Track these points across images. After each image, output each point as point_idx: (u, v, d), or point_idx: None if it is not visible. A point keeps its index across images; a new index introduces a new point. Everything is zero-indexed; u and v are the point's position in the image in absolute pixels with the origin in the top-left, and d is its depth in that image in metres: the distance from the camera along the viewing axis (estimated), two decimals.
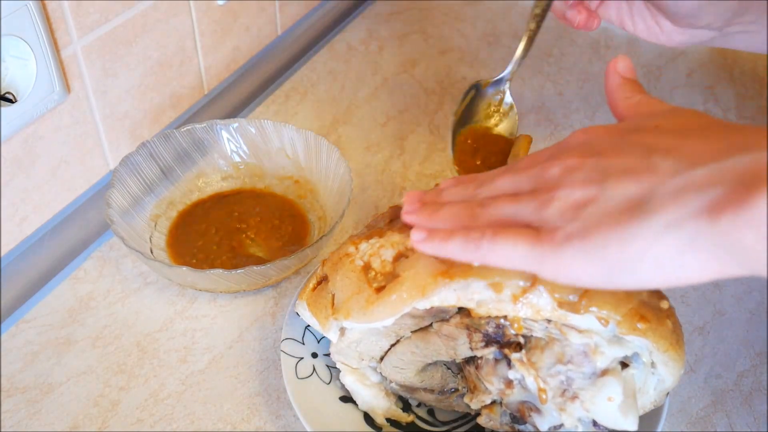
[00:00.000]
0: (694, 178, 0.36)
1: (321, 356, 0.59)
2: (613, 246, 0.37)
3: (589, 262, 0.38)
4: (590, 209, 0.39)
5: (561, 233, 0.39)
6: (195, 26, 0.82)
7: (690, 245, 0.35)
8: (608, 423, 0.47)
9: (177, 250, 0.69)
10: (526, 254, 0.40)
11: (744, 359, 0.63)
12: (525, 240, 0.40)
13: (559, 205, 0.40)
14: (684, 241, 0.35)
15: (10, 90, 0.63)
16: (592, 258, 0.38)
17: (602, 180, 0.39)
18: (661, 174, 0.38)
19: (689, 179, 0.36)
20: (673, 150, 0.39)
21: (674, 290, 0.68)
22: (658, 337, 0.45)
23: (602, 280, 0.38)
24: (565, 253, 0.39)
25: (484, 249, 0.41)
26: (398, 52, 0.99)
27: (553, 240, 0.39)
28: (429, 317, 0.51)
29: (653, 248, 0.36)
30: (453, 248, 0.43)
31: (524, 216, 0.41)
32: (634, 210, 0.37)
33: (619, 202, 0.38)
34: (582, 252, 0.38)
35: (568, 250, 0.38)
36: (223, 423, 0.58)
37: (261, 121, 0.74)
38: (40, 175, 0.69)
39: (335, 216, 0.67)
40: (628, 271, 0.37)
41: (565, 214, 0.40)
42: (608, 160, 0.40)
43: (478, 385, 0.51)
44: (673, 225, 0.36)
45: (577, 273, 0.39)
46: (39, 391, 0.60)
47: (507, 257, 0.41)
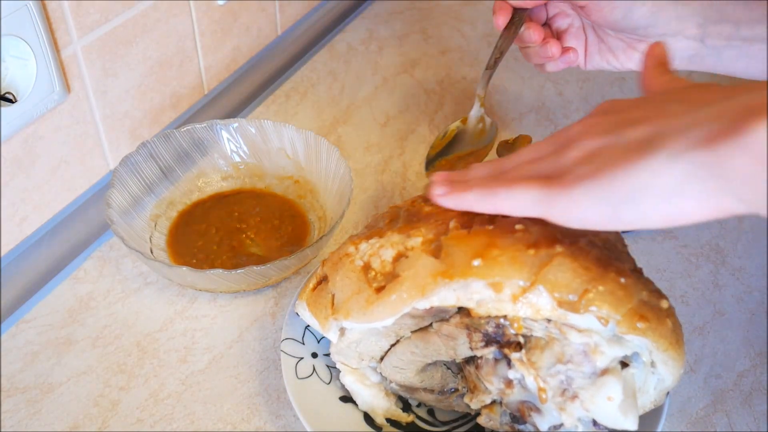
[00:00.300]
0: (699, 116, 0.38)
1: (321, 356, 0.59)
2: (618, 180, 0.39)
3: (596, 200, 0.40)
4: (603, 153, 0.41)
5: (572, 175, 0.41)
6: (195, 26, 0.82)
7: (691, 176, 0.36)
8: (608, 422, 0.47)
9: (177, 250, 0.69)
10: (537, 197, 0.42)
11: (744, 359, 0.63)
12: (537, 184, 0.42)
13: (575, 153, 0.42)
14: (685, 172, 0.37)
15: (10, 90, 0.63)
16: (599, 195, 0.39)
17: (619, 130, 0.41)
18: (671, 116, 0.39)
19: (695, 117, 0.38)
20: (686, 100, 0.40)
21: (674, 290, 0.68)
22: (658, 336, 0.45)
23: (608, 217, 0.40)
24: (573, 193, 0.40)
25: (499, 197, 0.43)
26: (398, 52, 0.99)
27: (562, 182, 0.41)
28: (429, 317, 0.51)
29: (656, 180, 0.37)
30: (471, 198, 0.45)
31: (542, 170, 0.43)
32: (642, 147, 0.39)
33: (629, 143, 0.40)
34: (590, 190, 0.40)
35: (577, 190, 0.40)
36: (223, 423, 0.58)
37: (261, 121, 0.74)
38: (40, 175, 0.69)
39: (335, 216, 0.67)
40: (631, 205, 0.39)
41: (579, 161, 0.42)
42: (627, 114, 0.42)
43: (478, 385, 0.51)
44: (675, 156, 0.37)
45: (585, 212, 0.40)
46: (39, 391, 0.60)
47: (520, 203, 0.43)
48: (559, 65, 0.70)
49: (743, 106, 0.36)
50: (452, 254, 0.47)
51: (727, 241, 0.73)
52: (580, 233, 0.48)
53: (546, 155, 0.45)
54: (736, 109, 0.36)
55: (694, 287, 0.69)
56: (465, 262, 0.46)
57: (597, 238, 0.48)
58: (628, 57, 0.68)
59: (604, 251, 0.47)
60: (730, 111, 0.36)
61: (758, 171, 0.34)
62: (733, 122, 0.35)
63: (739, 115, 0.35)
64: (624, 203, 0.39)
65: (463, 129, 0.71)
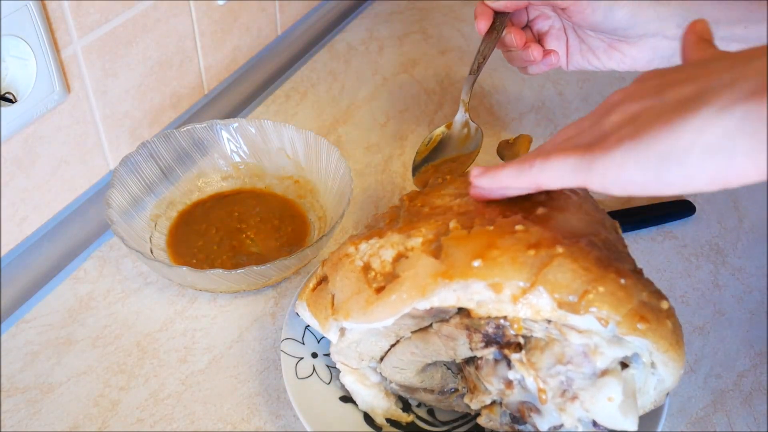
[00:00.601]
0: (747, 70, 0.36)
1: (321, 356, 0.59)
2: (663, 139, 0.37)
3: (638, 161, 0.38)
4: (645, 115, 0.39)
5: (613, 138, 0.39)
6: (195, 26, 0.82)
7: (739, 131, 0.35)
8: (608, 423, 0.47)
9: (177, 250, 0.69)
10: (576, 164, 0.40)
11: (744, 359, 0.63)
12: (575, 152, 0.40)
13: (615, 118, 0.41)
14: (732, 127, 0.35)
15: (10, 90, 0.63)
16: (642, 155, 0.38)
17: (660, 91, 0.40)
18: (715, 73, 0.38)
19: (742, 71, 0.37)
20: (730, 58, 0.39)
21: (674, 290, 0.68)
22: (658, 337, 0.45)
23: (652, 179, 0.38)
24: (615, 155, 0.39)
25: (536, 168, 0.42)
26: (398, 52, 0.99)
27: (603, 145, 0.39)
28: (429, 317, 0.51)
29: (702, 136, 0.36)
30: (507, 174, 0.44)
31: (581, 140, 0.42)
32: (688, 104, 0.37)
33: (674, 102, 0.38)
34: (632, 151, 0.38)
35: (618, 152, 0.39)
36: (223, 423, 0.58)
37: (261, 121, 0.74)
38: (40, 175, 0.69)
39: (335, 216, 0.67)
40: (676, 165, 0.37)
41: (619, 124, 0.40)
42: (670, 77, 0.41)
43: (478, 386, 0.51)
44: (722, 110, 0.35)
45: (627, 175, 0.38)
46: (39, 391, 0.60)
47: (558, 172, 0.41)
48: (541, 68, 0.71)
49: None
50: (452, 255, 0.47)
51: (727, 241, 0.73)
52: (581, 234, 0.48)
53: (585, 128, 0.43)
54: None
55: (694, 287, 0.69)
56: (465, 263, 0.46)
57: (597, 238, 0.48)
58: (608, 57, 0.69)
59: (605, 252, 0.47)
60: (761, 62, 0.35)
61: None
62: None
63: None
64: (668, 163, 0.37)
65: (448, 134, 0.72)
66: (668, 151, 0.37)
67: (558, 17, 0.70)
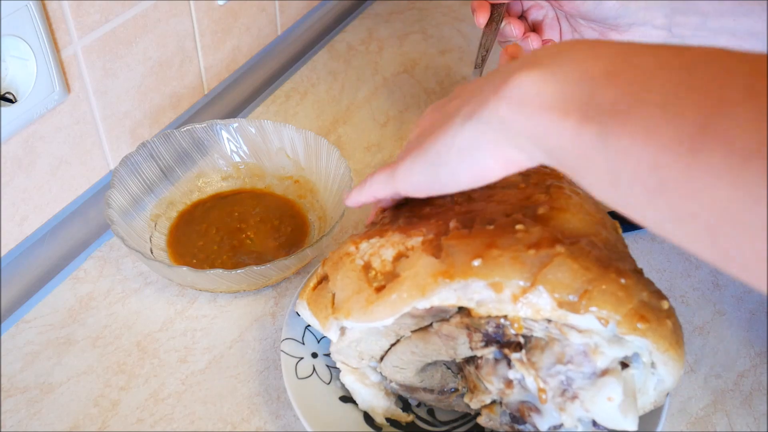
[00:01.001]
0: (486, 87, 0.43)
1: (321, 356, 0.59)
2: (432, 146, 0.46)
3: (418, 166, 0.47)
4: (429, 128, 0.48)
5: (409, 151, 0.48)
6: (195, 26, 0.82)
7: (479, 132, 0.42)
8: (608, 423, 0.47)
9: (177, 250, 0.69)
10: (386, 177, 0.50)
11: (744, 359, 0.63)
12: (388, 168, 0.51)
13: (413, 134, 0.52)
14: (475, 130, 0.43)
15: (10, 90, 0.63)
16: (421, 160, 0.47)
17: (441, 108, 0.49)
18: (472, 93, 0.45)
19: (483, 89, 0.44)
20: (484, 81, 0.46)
21: (674, 290, 0.68)
22: (658, 337, 0.45)
23: (431, 179, 0.47)
24: (405, 164, 0.48)
25: (367, 184, 0.53)
26: (398, 52, 0.99)
27: (403, 157, 0.49)
28: (429, 317, 0.51)
29: (457, 139, 0.44)
30: (355, 193, 0.54)
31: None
32: (450, 117, 0.45)
33: (444, 116, 0.47)
34: (416, 158, 0.47)
35: (408, 160, 0.48)
36: (223, 423, 0.58)
37: (261, 121, 0.74)
38: (40, 175, 0.69)
39: (335, 216, 0.67)
40: (444, 166, 0.45)
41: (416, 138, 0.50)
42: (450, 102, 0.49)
43: (478, 385, 0.51)
44: (468, 116, 0.43)
45: (415, 178, 0.48)
46: (39, 391, 0.60)
47: (378, 185, 0.52)
48: None
49: (508, 73, 0.41)
50: (453, 254, 0.47)
51: None
52: (581, 234, 0.48)
53: None
54: (503, 75, 0.42)
55: (694, 287, 0.69)
56: (465, 262, 0.46)
57: (597, 238, 0.48)
58: None
59: (605, 252, 0.47)
60: (500, 77, 0.42)
61: (517, 116, 0.40)
62: (500, 82, 0.41)
63: (506, 74, 0.41)
64: (438, 165, 0.45)
65: None
66: (436, 156, 0.45)
67: (551, 7, 0.71)
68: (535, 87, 0.39)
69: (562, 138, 0.38)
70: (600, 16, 0.67)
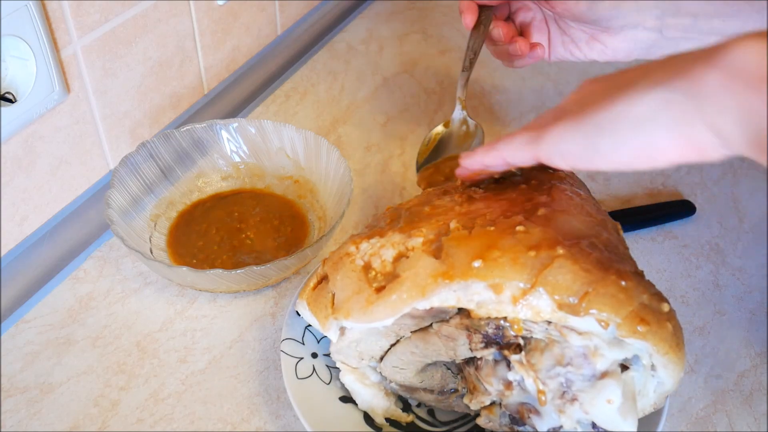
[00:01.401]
0: (681, 56, 0.40)
1: (321, 356, 0.59)
2: (600, 111, 0.41)
3: (573, 132, 0.43)
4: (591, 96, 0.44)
5: (561, 118, 0.44)
6: (195, 26, 0.82)
7: (665, 102, 0.38)
8: (607, 425, 0.47)
9: (177, 250, 0.69)
10: (527, 140, 0.46)
11: (744, 359, 0.63)
12: (529, 130, 0.46)
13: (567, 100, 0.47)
14: (660, 99, 0.38)
15: (10, 90, 0.63)
16: (577, 127, 0.43)
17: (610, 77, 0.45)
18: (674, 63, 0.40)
19: (677, 57, 0.40)
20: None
21: (674, 290, 0.68)
22: (658, 339, 0.45)
23: (585, 148, 0.42)
24: (556, 129, 0.44)
25: (500, 144, 0.49)
26: (398, 52, 0.99)
27: (549, 123, 0.45)
28: (429, 318, 0.51)
29: (632, 108, 0.40)
30: (480, 151, 0.50)
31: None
32: (627, 84, 0.41)
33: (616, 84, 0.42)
34: (571, 124, 0.43)
35: (560, 126, 0.44)
36: (223, 423, 0.58)
37: (261, 121, 0.74)
38: (40, 175, 0.69)
39: (335, 216, 0.67)
40: (607, 135, 0.41)
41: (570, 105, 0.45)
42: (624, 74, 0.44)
43: (478, 386, 0.51)
44: (652, 85, 0.39)
45: (566, 146, 0.43)
46: (39, 391, 0.60)
47: (515, 147, 0.47)
48: (527, 61, 0.72)
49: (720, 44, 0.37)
50: (453, 255, 0.47)
51: (727, 241, 0.73)
52: (582, 235, 0.48)
53: None
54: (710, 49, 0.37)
55: (694, 287, 0.69)
56: (465, 263, 0.46)
57: (598, 240, 0.48)
58: (590, 48, 0.69)
59: (606, 253, 0.47)
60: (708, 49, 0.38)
61: (730, 89, 0.35)
62: (711, 51, 0.37)
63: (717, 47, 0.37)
64: (600, 135, 0.41)
65: (447, 132, 0.72)
66: (598, 124, 0.41)
67: (539, 9, 0.71)
68: (762, 57, 0.34)
69: None
70: (593, 17, 0.66)
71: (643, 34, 0.66)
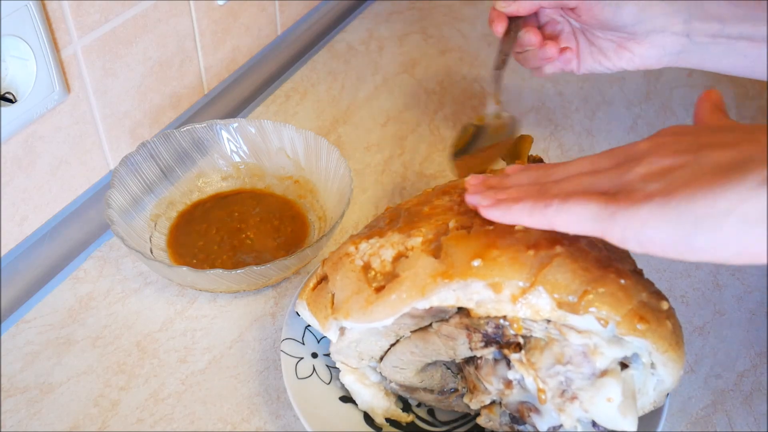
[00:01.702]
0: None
1: (321, 356, 0.59)
2: (700, 201, 0.36)
3: (666, 221, 0.37)
4: (678, 173, 0.38)
5: (641, 193, 0.38)
6: (195, 26, 0.82)
7: None
8: (607, 423, 0.47)
9: (177, 250, 0.69)
10: (596, 212, 0.39)
11: (744, 359, 0.63)
12: (597, 200, 0.39)
13: (642, 170, 0.39)
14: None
15: (10, 90, 0.63)
16: (672, 215, 0.37)
17: (696, 150, 0.39)
18: (760, 144, 0.37)
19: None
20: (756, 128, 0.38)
21: (674, 290, 0.68)
22: (658, 338, 0.45)
23: (678, 241, 0.37)
24: (640, 211, 0.37)
25: (552, 210, 0.41)
26: (398, 52, 0.99)
27: (629, 198, 0.38)
28: (428, 317, 0.51)
29: (744, 205, 0.35)
30: (520, 210, 0.43)
31: (602, 185, 0.41)
32: (729, 170, 0.36)
33: (713, 166, 0.37)
34: (661, 209, 0.37)
35: (645, 207, 0.37)
36: (223, 423, 0.58)
37: (261, 121, 0.74)
38: (40, 175, 0.69)
39: (335, 216, 0.67)
40: (708, 230, 0.36)
41: (648, 178, 0.39)
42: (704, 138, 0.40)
43: (478, 386, 0.51)
44: (760, 182, 0.35)
45: (651, 232, 0.37)
46: (39, 391, 0.60)
47: (576, 218, 0.40)
48: (557, 65, 0.72)
49: None
50: (452, 254, 0.47)
51: None
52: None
53: (604, 169, 0.42)
54: None
55: (694, 287, 0.69)
56: (465, 263, 0.46)
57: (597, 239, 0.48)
58: (619, 56, 0.69)
59: (605, 252, 0.47)
60: None
61: None
62: None
63: None
64: (700, 227, 0.36)
65: (481, 127, 0.72)
66: (703, 215, 0.36)
67: (567, 21, 0.71)
68: None
69: None
70: (618, 24, 0.66)
71: (670, 39, 0.66)
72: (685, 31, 0.65)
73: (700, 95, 0.47)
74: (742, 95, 0.91)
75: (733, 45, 0.65)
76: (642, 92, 0.91)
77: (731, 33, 0.64)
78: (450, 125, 0.87)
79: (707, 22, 0.65)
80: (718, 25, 0.64)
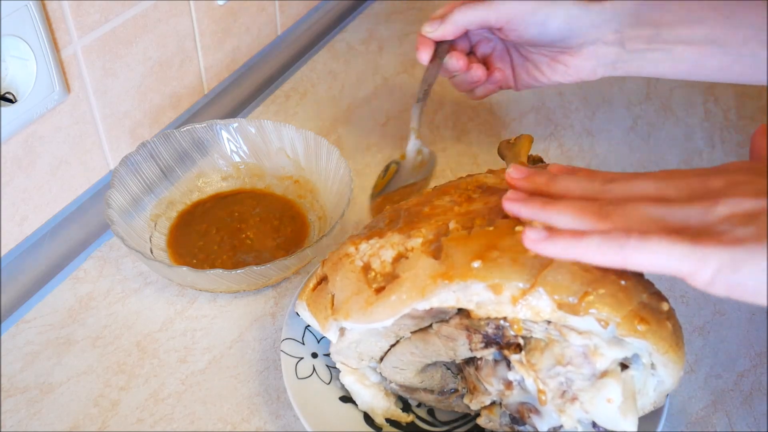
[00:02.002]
0: None
1: (321, 356, 0.59)
2: None
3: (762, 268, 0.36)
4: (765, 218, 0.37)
5: (730, 236, 0.37)
6: (195, 26, 0.82)
7: None
8: (608, 424, 0.47)
9: (177, 250, 0.69)
10: (684, 255, 0.37)
11: (744, 359, 0.63)
12: (682, 240, 0.37)
13: (725, 210, 0.38)
14: None
15: (10, 90, 0.63)
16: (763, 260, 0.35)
17: None
18: None
19: None
20: None
21: (674, 290, 0.68)
22: (658, 338, 0.45)
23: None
24: (736, 255, 0.36)
25: (630, 249, 0.38)
26: (398, 52, 0.99)
27: (719, 241, 0.37)
28: (428, 318, 0.51)
29: None
30: (587, 248, 0.39)
31: (676, 220, 0.39)
32: None
33: None
34: (758, 255, 0.36)
35: (741, 252, 0.36)
36: (223, 423, 0.58)
37: (261, 121, 0.74)
38: (40, 175, 0.69)
39: (335, 216, 0.67)
40: None
41: (734, 221, 0.37)
42: None
43: (478, 386, 0.51)
44: None
45: (740, 277, 0.36)
46: (39, 391, 0.60)
47: (659, 258, 0.38)
48: (488, 87, 0.72)
49: None
50: (452, 255, 0.47)
51: None
52: None
53: (674, 200, 0.40)
54: None
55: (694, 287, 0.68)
56: (465, 264, 0.46)
57: None
58: (553, 70, 0.69)
59: None
60: None
61: None
62: None
63: None
64: None
65: (402, 164, 0.72)
66: None
67: (499, 39, 0.71)
68: None
69: None
70: (547, 39, 0.65)
71: (603, 49, 0.65)
72: (618, 40, 0.64)
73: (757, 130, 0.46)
74: (742, 95, 0.91)
75: (670, 50, 0.64)
76: (642, 92, 0.91)
77: (667, 38, 0.63)
78: (450, 125, 0.87)
79: (640, 28, 0.63)
80: (652, 30, 0.63)
